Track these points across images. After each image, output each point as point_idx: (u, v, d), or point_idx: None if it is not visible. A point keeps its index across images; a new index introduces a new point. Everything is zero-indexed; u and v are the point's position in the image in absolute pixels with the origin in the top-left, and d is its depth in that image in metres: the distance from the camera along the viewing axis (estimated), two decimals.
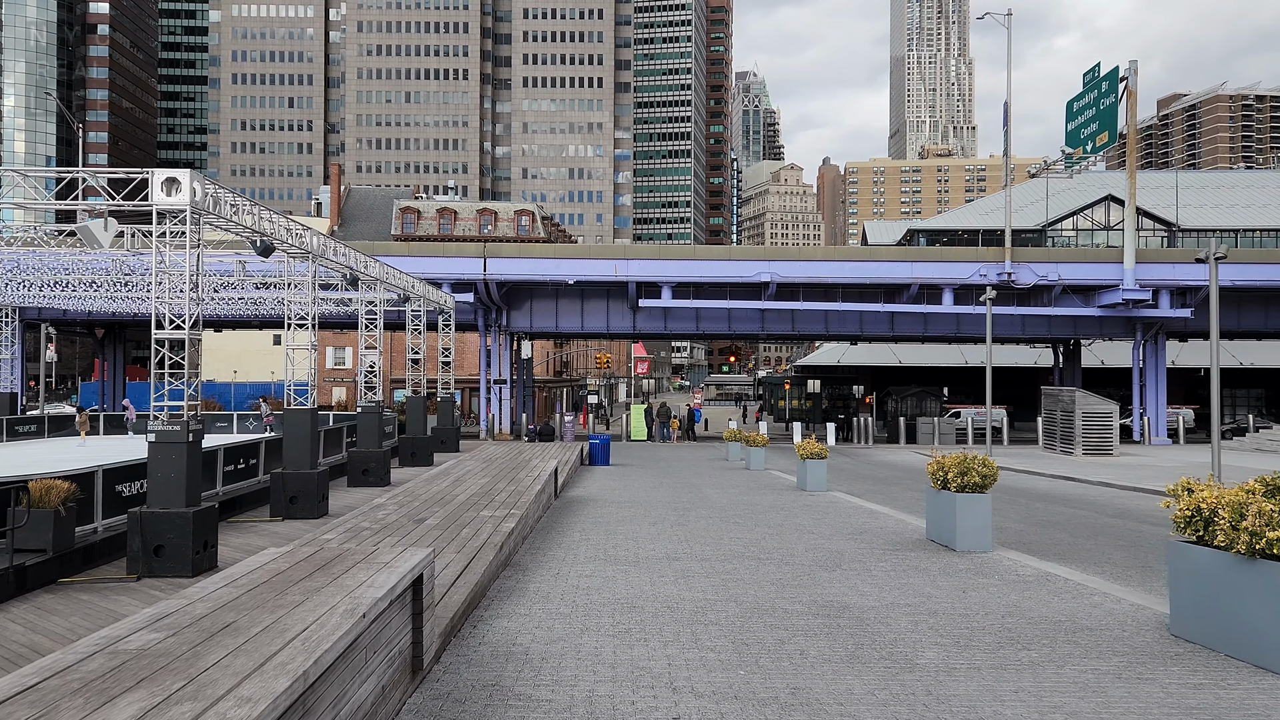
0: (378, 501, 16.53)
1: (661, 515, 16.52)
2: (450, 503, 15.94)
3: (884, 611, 9.01)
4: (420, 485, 18.79)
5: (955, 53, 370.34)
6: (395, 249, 42.93)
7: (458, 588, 9.30)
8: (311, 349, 18.65)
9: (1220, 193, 75.05)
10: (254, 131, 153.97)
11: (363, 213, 79.55)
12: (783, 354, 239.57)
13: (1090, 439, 30.87)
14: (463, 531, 12.67)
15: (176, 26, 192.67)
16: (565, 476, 22.03)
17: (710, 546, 12.87)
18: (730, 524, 15.33)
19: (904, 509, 18.13)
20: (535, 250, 43.38)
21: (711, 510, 17.28)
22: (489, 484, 18.57)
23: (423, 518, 14.10)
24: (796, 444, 20.53)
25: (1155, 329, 43.83)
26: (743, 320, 45.37)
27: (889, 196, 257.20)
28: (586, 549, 12.82)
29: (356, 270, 21.80)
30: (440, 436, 33.84)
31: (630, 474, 25.62)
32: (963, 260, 41.79)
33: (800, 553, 12.28)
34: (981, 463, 11.10)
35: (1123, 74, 39.99)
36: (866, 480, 25.03)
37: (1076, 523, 16.30)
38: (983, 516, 11.47)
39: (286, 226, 17.27)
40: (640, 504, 18.33)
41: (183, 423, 13.13)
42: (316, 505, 18.27)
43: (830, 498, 19.15)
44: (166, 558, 12.91)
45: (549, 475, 18.52)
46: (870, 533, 14.20)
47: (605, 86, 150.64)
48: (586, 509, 17.59)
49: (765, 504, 18.18)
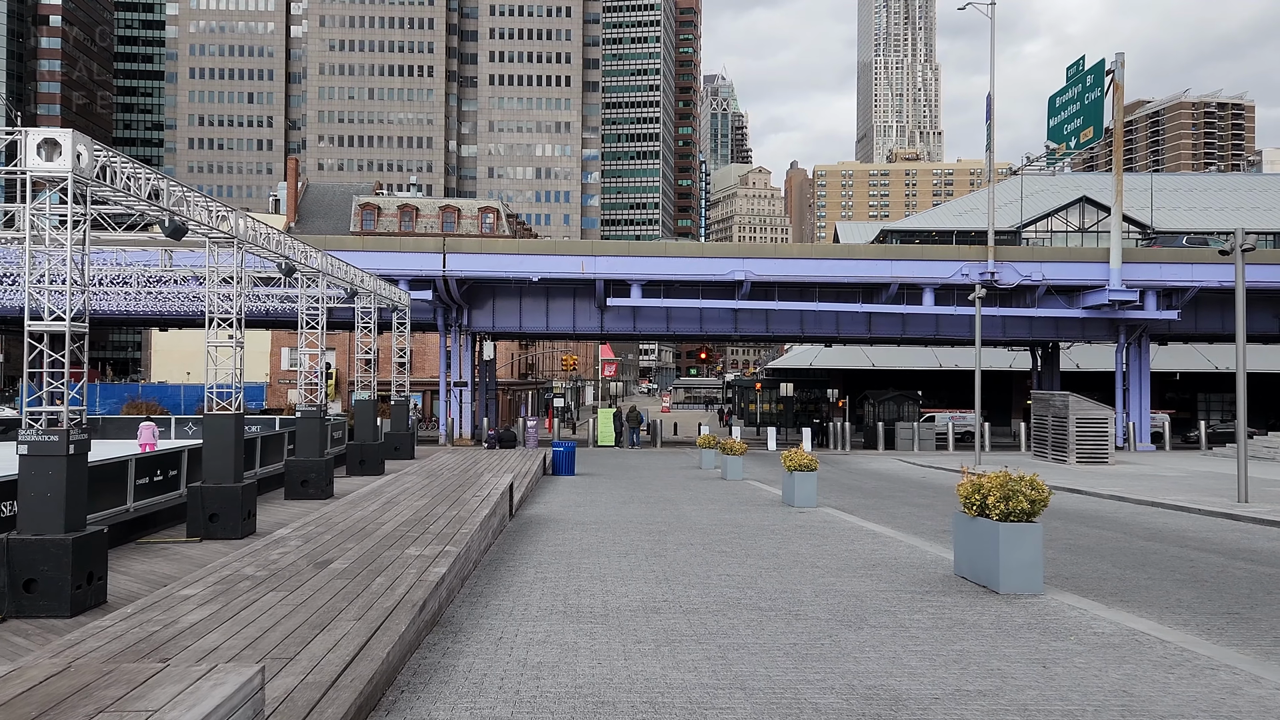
0: (280, 534, 13.14)
1: (634, 542, 14.15)
2: (372, 534, 12.83)
3: (953, 707, 6.62)
4: (340, 511, 15.53)
5: (922, 58, 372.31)
6: (349, 243, 40.63)
7: (338, 692, 6.19)
8: (236, 346, 16.47)
9: (1194, 195, 74.55)
10: (213, 127, 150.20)
11: (321, 209, 76.89)
12: (750, 357, 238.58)
13: (1084, 446, 29.33)
14: (375, 581, 9.68)
15: (133, 20, 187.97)
16: (524, 490, 19.82)
17: (697, 589, 10.57)
18: (716, 553, 13.10)
19: (909, 530, 16.13)
20: (498, 246, 41.25)
21: (692, 533, 15.08)
22: (427, 506, 15.61)
23: (328, 559, 10.82)
24: (782, 453, 18.56)
25: (1139, 331, 42.53)
26: (715, 320, 43.52)
27: (857, 200, 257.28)
28: (542, 595, 10.41)
29: (293, 260, 19.60)
30: (394, 443, 31.62)
31: (597, 486, 23.44)
32: (944, 259, 40.22)
33: (810, 598, 10.03)
34: (1029, 484, 9.06)
35: (1109, 67, 38.63)
36: (855, 493, 23.05)
37: (1111, 548, 14.15)
38: (1032, 550, 9.37)
39: (205, 206, 15.09)
40: (609, 526, 16.01)
41: (62, 432, 10.92)
42: (241, 524, 16.08)
43: (823, 516, 17.12)
44: (40, 594, 10.70)
45: (501, 494, 15.98)
46: (885, 566, 12.03)
47: (573, 85, 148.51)
48: (546, 533, 15.25)
49: (752, 524, 16.07)
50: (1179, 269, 39.37)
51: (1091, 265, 39.96)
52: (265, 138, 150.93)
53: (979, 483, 9.24)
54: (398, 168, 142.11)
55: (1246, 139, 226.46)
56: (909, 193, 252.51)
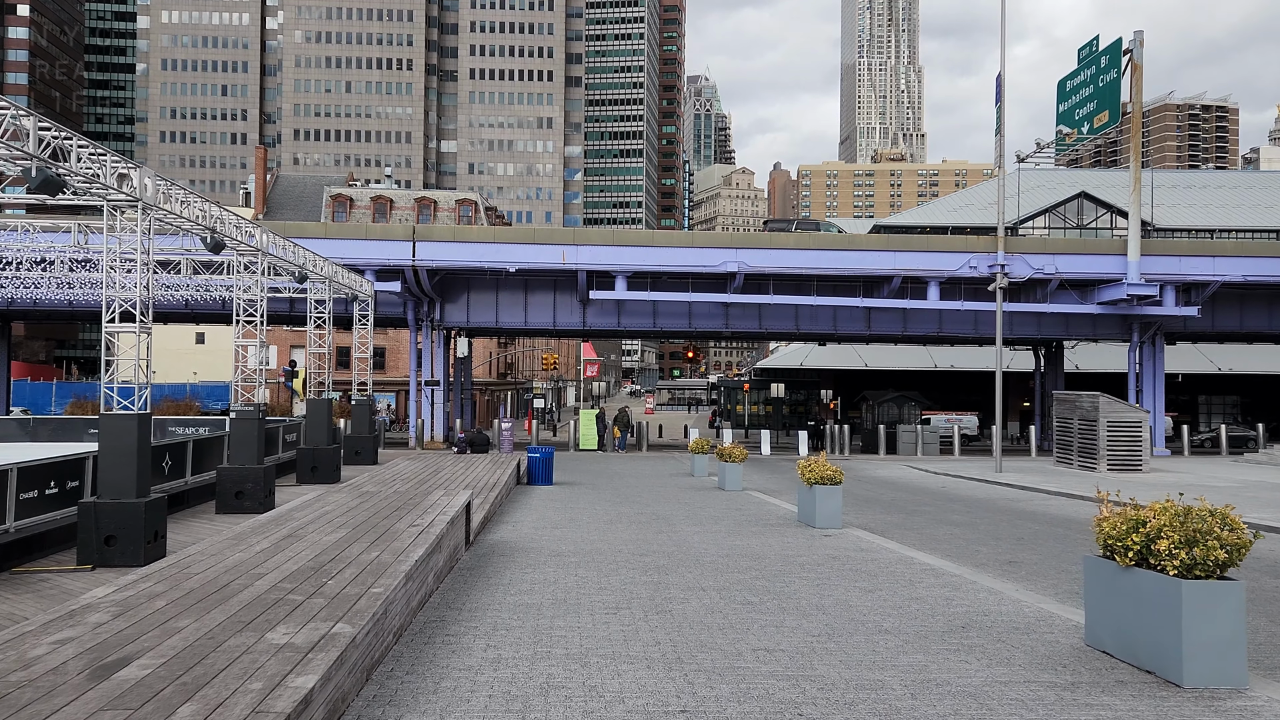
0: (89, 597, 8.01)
1: (626, 586, 10.65)
2: (236, 595, 8.14)
3: None
4: (220, 549, 10.68)
5: (905, 60, 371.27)
6: (310, 230, 37.61)
7: None
8: (140, 336, 13.59)
9: (1193, 193, 72.47)
10: (185, 120, 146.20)
11: (292, 200, 73.66)
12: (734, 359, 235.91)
13: (1116, 452, 26.70)
14: (181, 712, 5.19)
15: (106, 11, 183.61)
16: (489, 508, 16.75)
17: (726, 681, 7.01)
18: (739, 605, 9.64)
19: (968, 561, 13.06)
20: (472, 234, 38.33)
21: (700, 570, 11.66)
22: (344, 540, 10.87)
23: (131, 655, 6.25)
24: (798, 462, 15.59)
25: (1153, 329, 40.09)
26: (705, 316, 40.76)
27: (842, 200, 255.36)
28: (489, 698, 6.63)
29: (222, 235, 16.69)
30: (354, 446, 28.73)
31: (578, 498, 20.31)
32: (951, 250, 37.63)
33: (904, 700, 6.55)
34: (1221, 519, 6.14)
35: (1126, 46, 36.18)
36: (875, 507, 19.98)
37: (1260, 596, 10.82)
38: (1231, 621, 6.30)
39: (90, 151, 12.19)
40: (592, 558, 12.61)
41: None
42: (143, 548, 13.21)
43: (854, 540, 14.10)
44: None
45: (451, 520, 12.03)
46: (978, 628, 8.65)
47: (555, 80, 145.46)
48: (510, 570, 11.65)
49: (773, 554, 12.78)
50: (1200, 262, 36.93)
51: (1107, 258, 37.48)
52: (239, 131, 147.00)
53: (1136, 517, 6.38)
54: (376, 163, 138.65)
55: (1230, 142, 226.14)
56: (894, 193, 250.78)
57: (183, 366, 71.75)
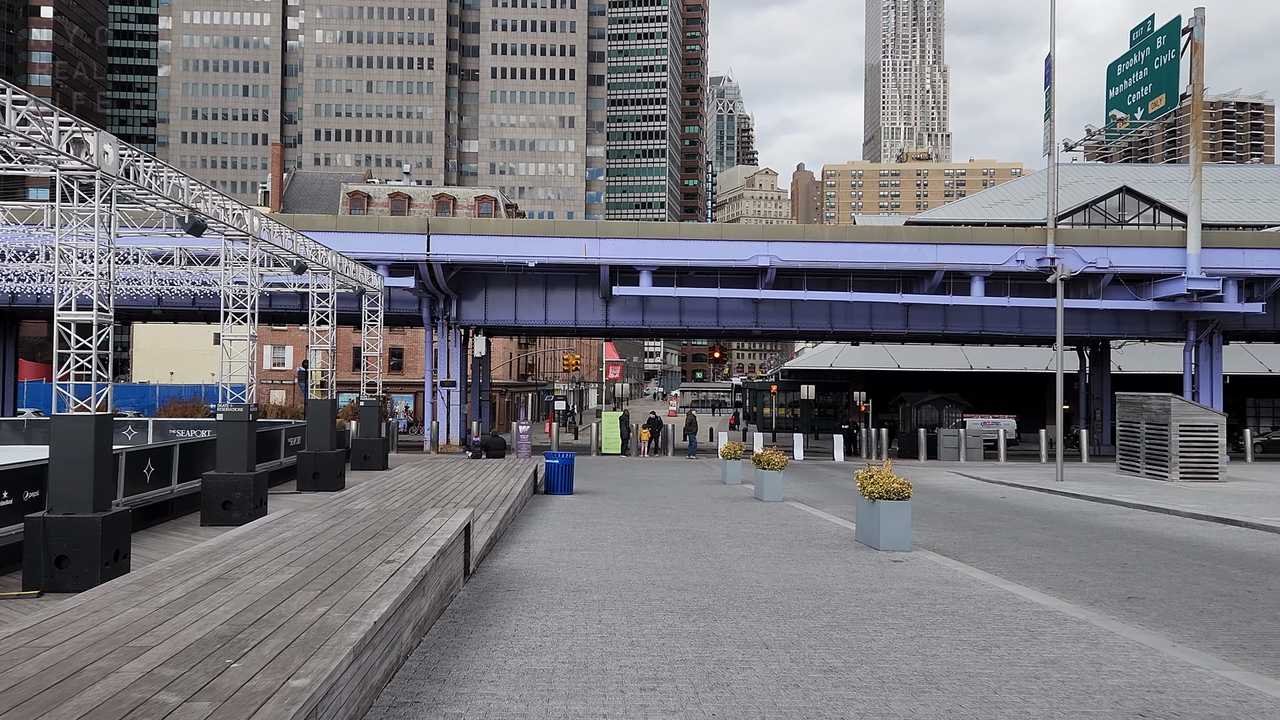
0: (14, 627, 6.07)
1: (665, 640, 8.23)
2: (68, 701, 4.70)
3: None
4: (82, 616, 6.49)
5: (930, 60, 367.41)
6: (320, 223, 35.94)
7: None
8: (98, 328, 11.80)
9: (1238, 187, 69.74)
10: (206, 121, 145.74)
11: (308, 198, 72.31)
12: (757, 361, 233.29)
13: (1189, 459, 24.46)
14: None
15: (129, 14, 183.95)
16: (499, 525, 14.66)
17: None
18: (819, 671, 7.29)
19: (1074, 596, 10.76)
20: (489, 227, 36.54)
21: (757, 613, 9.33)
22: (285, 588, 7.42)
23: None
24: (857, 473, 13.42)
25: (1211, 327, 37.71)
26: (733, 314, 38.78)
27: (867, 200, 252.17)
28: None
29: (203, 216, 14.91)
30: (363, 450, 26.98)
31: (601, 511, 18.13)
32: (997, 243, 35.46)
33: None
34: None
35: (1185, 24, 33.91)
36: (937, 521, 17.54)
37: None
38: None
39: (34, 109, 10.40)
40: (620, 594, 10.23)
41: None
42: (100, 569, 11.43)
43: (932, 569, 11.75)
44: None
45: (441, 550, 9.17)
46: (1159, 715, 6.30)
47: (578, 79, 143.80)
48: (515, 617, 9.16)
49: (840, 587, 10.63)
50: (1266, 255, 34.58)
51: (1165, 250, 35.17)
52: (260, 132, 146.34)
53: None
54: (397, 163, 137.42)
55: (1266, 139, 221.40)
56: (920, 194, 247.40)
57: (202, 368, 70.61)
